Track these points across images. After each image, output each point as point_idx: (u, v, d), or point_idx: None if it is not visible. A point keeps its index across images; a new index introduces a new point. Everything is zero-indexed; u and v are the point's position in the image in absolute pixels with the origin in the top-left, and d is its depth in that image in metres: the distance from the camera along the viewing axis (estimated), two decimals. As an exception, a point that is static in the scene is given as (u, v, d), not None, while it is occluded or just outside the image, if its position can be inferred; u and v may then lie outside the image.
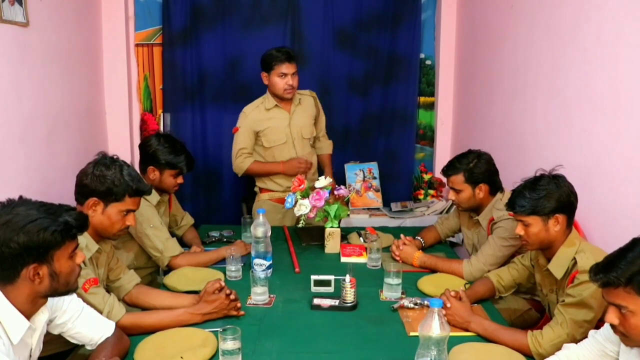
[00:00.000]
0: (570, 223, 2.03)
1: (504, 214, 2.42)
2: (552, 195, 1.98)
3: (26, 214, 1.51)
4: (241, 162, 3.32)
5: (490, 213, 2.61)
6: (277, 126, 3.29)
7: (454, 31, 4.12)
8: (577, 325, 1.87)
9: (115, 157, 2.16)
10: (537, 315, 2.53)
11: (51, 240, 1.52)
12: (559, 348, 1.78)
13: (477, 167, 2.59)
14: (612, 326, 1.48)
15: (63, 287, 1.59)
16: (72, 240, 1.59)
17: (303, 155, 3.35)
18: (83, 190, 2.06)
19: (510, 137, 3.15)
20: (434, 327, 1.66)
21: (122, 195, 2.07)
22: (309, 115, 3.40)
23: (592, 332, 1.71)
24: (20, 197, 1.61)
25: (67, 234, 1.56)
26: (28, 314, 1.57)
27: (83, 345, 1.85)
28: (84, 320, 1.79)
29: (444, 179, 2.77)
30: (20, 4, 2.56)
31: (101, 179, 2.04)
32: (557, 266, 2.01)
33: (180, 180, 2.83)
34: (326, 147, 3.61)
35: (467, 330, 2.04)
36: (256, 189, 3.47)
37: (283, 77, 3.19)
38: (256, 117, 3.29)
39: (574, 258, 1.95)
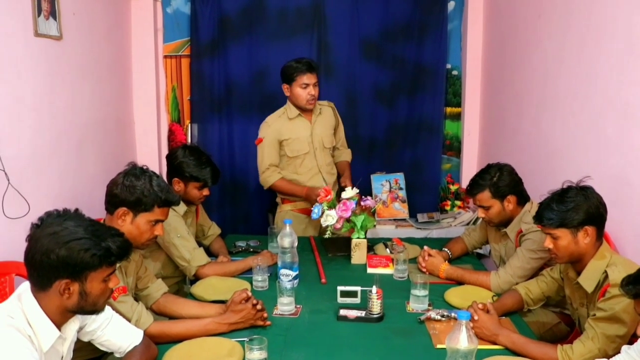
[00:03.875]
0: (600, 235, 1.99)
1: (532, 226, 2.38)
2: (580, 207, 1.95)
3: (73, 230, 1.55)
4: (268, 177, 3.31)
5: (518, 225, 2.58)
6: (300, 136, 3.29)
7: (481, 41, 4.10)
8: (609, 340, 1.83)
9: (145, 167, 2.19)
10: (566, 329, 2.49)
11: (89, 262, 1.55)
12: (590, 363, 1.75)
13: (501, 180, 2.56)
14: (646, 341, 1.46)
15: (90, 307, 1.62)
16: (109, 266, 1.61)
17: (324, 164, 3.35)
18: (113, 200, 2.09)
19: (538, 148, 3.11)
20: (462, 340, 1.65)
21: (151, 206, 2.09)
22: (329, 125, 3.40)
23: (624, 348, 1.67)
24: (76, 210, 1.65)
25: (106, 259, 1.58)
26: (58, 323, 1.60)
27: (112, 353, 1.88)
28: (113, 328, 1.81)
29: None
30: (55, 18, 2.63)
31: (131, 189, 2.07)
32: (588, 279, 1.98)
33: (205, 192, 2.81)
34: (345, 154, 3.55)
35: (495, 343, 2.01)
36: (278, 199, 3.46)
37: (305, 87, 3.18)
38: (279, 127, 3.27)
39: (605, 271, 1.92)
